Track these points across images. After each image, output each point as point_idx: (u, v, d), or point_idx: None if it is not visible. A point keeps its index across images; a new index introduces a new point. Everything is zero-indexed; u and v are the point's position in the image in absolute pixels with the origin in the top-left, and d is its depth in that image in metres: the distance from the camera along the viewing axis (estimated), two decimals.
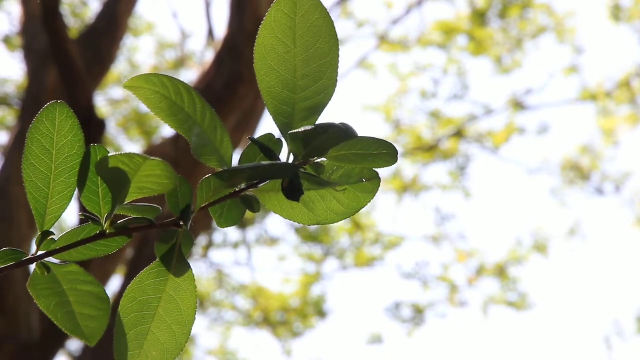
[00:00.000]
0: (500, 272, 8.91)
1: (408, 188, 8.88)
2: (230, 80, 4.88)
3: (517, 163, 10.68)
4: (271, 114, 0.88)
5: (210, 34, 6.95)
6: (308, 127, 0.84)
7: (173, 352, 0.93)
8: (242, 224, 8.08)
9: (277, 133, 0.89)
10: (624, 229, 10.20)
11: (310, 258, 8.95)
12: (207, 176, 0.87)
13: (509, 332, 15.71)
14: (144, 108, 8.32)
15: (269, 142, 0.87)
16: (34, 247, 0.94)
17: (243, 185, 0.88)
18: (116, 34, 5.80)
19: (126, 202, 0.89)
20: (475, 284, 8.92)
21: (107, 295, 0.96)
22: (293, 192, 0.83)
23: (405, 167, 8.82)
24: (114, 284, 7.87)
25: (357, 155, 0.86)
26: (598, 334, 15.09)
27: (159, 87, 0.86)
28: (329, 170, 0.89)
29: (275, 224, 9.35)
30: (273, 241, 8.88)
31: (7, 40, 8.02)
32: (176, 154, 4.83)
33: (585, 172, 8.97)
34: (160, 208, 0.90)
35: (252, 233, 8.83)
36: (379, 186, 0.89)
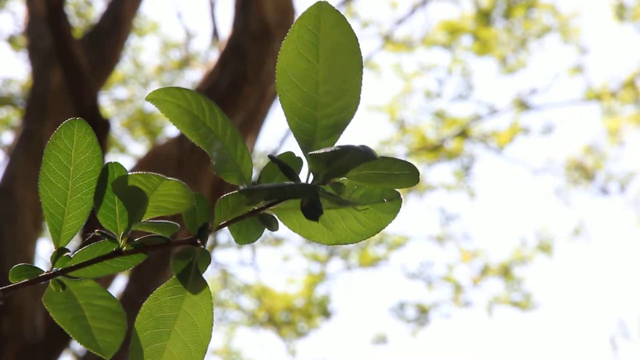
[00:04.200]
0: (505, 272, 8.90)
1: (412, 188, 8.86)
2: (234, 81, 4.88)
3: (521, 163, 10.67)
4: (292, 131, 0.87)
5: (215, 33, 6.94)
6: (329, 149, 0.83)
7: None
8: None
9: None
10: (628, 229, 10.18)
11: (315, 258, 8.94)
12: (225, 195, 0.86)
13: (514, 332, 15.69)
14: (148, 108, 8.31)
15: (289, 160, 0.86)
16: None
17: (262, 204, 0.87)
18: (121, 33, 5.80)
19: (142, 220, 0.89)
20: (479, 284, 8.91)
21: (122, 309, 0.95)
22: (312, 211, 0.82)
23: None
24: (118, 285, 7.87)
25: (378, 175, 0.84)
26: (603, 334, 15.08)
27: (181, 100, 0.85)
28: (349, 190, 0.88)
29: (279, 224, 9.32)
30: (277, 241, 8.88)
31: (11, 40, 8.02)
32: (180, 154, 4.83)
33: (590, 172, 8.96)
34: (178, 225, 0.89)
35: None
36: (400, 206, 0.88)
